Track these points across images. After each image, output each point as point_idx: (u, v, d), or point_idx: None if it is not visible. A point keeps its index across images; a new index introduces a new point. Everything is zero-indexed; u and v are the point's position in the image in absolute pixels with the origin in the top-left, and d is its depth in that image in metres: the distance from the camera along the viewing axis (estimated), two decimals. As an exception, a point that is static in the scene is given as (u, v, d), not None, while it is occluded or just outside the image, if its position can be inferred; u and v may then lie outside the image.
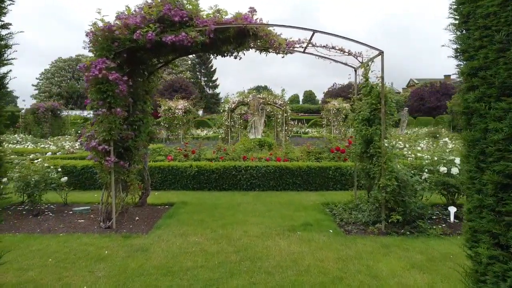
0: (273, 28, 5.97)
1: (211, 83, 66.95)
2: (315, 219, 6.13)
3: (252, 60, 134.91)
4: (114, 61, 5.56)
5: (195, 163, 9.10)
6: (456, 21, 2.24)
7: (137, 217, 6.30)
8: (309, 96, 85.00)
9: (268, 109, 21.12)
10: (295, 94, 78.36)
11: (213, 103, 60.59)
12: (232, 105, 20.26)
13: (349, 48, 6.55)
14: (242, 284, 3.69)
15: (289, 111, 20.45)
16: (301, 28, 5.66)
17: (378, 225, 5.60)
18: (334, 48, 6.64)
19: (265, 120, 23.11)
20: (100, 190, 6.58)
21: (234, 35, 5.88)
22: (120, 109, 5.54)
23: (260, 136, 18.55)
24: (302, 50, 6.99)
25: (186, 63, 64.25)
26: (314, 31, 5.73)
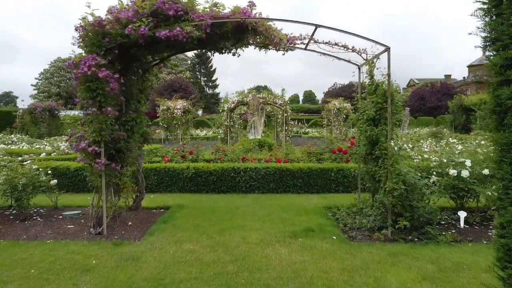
0: (273, 23, 5.66)
1: (211, 83, 66.68)
2: (318, 224, 5.82)
3: (252, 60, 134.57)
4: (105, 58, 5.25)
5: (192, 165, 8.79)
6: (485, 5, 1.92)
7: (130, 222, 5.99)
8: (309, 96, 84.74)
9: (268, 109, 20.80)
10: (295, 94, 78.12)
11: (213, 103, 60.28)
12: (232, 105, 19.94)
13: (353, 45, 6.25)
14: (240, 299, 3.39)
15: (289, 111, 20.11)
16: (303, 23, 5.35)
17: (384, 231, 5.28)
18: (337, 45, 6.32)
19: (265, 120, 22.80)
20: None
21: (232, 30, 5.58)
22: (111, 108, 5.23)
23: (260, 137, 18.24)
24: (304, 47, 6.68)
25: (186, 63, 63.96)
26: (317, 26, 5.42)
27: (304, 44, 6.53)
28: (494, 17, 1.90)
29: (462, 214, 5.58)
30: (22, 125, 25.61)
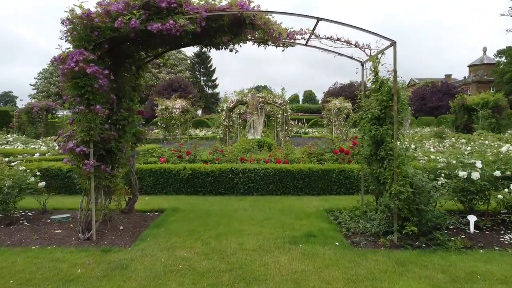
0: (272, 17, 5.37)
1: (211, 83, 66.34)
2: (319, 229, 5.52)
3: (252, 60, 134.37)
4: (94, 53, 4.96)
5: (189, 166, 8.49)
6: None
7: (122, 227, 5.68)
8: (309, 96, 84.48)
9: (268, 109, 20.48)
10: (295, 94, 77.79)
11: (213, 103, 59.95)
12: (231, 104, 19.65)
13: (356, 40, 5.96)
14: (235, 314, 3.09)
15: (289, 111, 19.80)
16: (304, 16, 5.05)
17: (390, 237, 4.98)
18: (340, 40, 6.03)
19: (265, 120, 22.49)
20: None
21: (229, 24, 5.28)
22: (100, 107, 4.94)
23: (260, 137, 17.94)
24: (305, 43, 6.39)
25: (185, 63, 63.63)
26: (319, 19, 5.12)
27: (305, 40, 6.23)
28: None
29: (472, 219, 5.28)
30: (19, 125, 25.30)
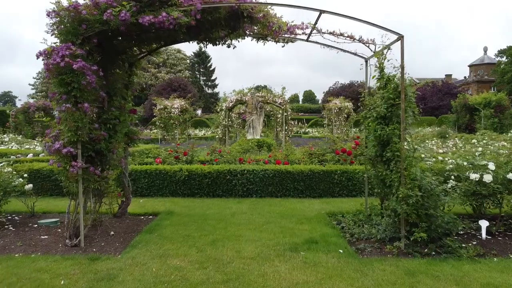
0: (272, 9, 5.07)
1: (210, 83, 66.00)
2: (321, 234, 5.22)
3: (252, 60, 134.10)
4: (82, 48, 4.65)
5: (186, 167, 8.18)
6: None
7: (113, 232, 5.37)
8: (309, 96, 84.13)
9: (268, 108, 20.16)
10: (295, 94, 77.31)
11: (212, 103, 59.60)
12: (230, 104, 19.33)
13: (360, 35, 5.66)
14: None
15: (289, 110, 19.48)
16: (306, 8, 4.74)
17: (397, 243, 4.68)
18: (343, 35, 5.72)
19: (265, 120, 22.19)
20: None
21: (226, 17, 4.97)
22: (89, 105, 4.63)
23: (259, 137, 17.64)
24: (306, 38, 6.09)
25: (185, 62, 63.29)
26: (321, 12, 4.82)
27: (306, 35, 5.94)
28: None
29: (484, 224, 4.97)
30: (16, 125, 24.96)
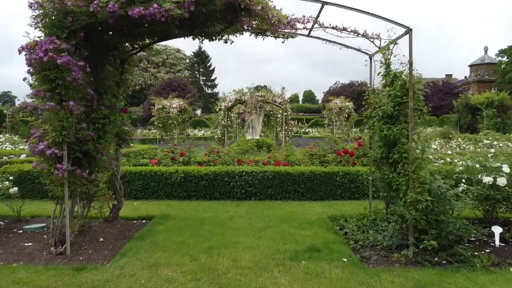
0: (271, 1, 4.75)
1: (210, 82, 65.69)
2: (324, 241, 4.91)
3: (252, 60, 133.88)
4: (68, 42, 4.34)
5: (182, 168, 7.86)
6: None
7: (102, 238, 5.06)
8: (309, 96, 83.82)
9: (268, 108, 19.85)
10: (295, 94, 76.92)
11: (212, 103, 59.30)
12: (229, 103, 19.01)
13: (365, 29, 5.36)
14: None
15: (290, 110, 19.16)
16: (307, -1, 4.44)
17: (405, 252, 4.37)
18: (346, 30, 5.45)
19: (264, 120, 21.88)
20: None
21: (222, 10, 4.65)
22: (74, 103, 4.32)
23: (258, 137, 17.34)
24: (307, 33, 5.80)
25: (184, 62, 62.98)
26: (324, 3, 4.53)
27: (307, 30, 5.65)
28: None
29: (497, 230, 4.66)
30: (12, 125, 24.64)
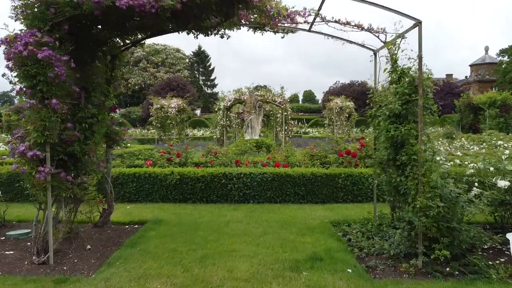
0: (270, -8, 4.45)
1: (209, 82, 65.35)
2: (326, 249, 4.59)
3: (252, 60, 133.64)
4: (51, 35, 4.03)
5: (178, 170, 7.55)
6: None
7: (89, 245, 4.74)
8: (309, 96, 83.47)
9: (267, 108, 19.53)
10: (295, 94, 76.54)
11: (211, 103, 58.95)
12: (228, 103, 18.70)
13: (370, 23, 5.06)
14: None
15: (289, 110, 18.84)
16: (308, -10, 4.13)
17: (414, 261, 4.06)
18: (349, 24, 5.16)
19: (264, 120, 21.55)
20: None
21: (217, 1, 4.33)
22: (57, 101, 4.01)
23: (258, 137, 17.00)
24: (308, 28, 5.49)
25: (184, 62, 62.64)
26: (326, -7, 4.21)
27: (308, 24, 5.34)
28: None
29: (512, 237, 4.35)
30: (8, 125, 24.31)
